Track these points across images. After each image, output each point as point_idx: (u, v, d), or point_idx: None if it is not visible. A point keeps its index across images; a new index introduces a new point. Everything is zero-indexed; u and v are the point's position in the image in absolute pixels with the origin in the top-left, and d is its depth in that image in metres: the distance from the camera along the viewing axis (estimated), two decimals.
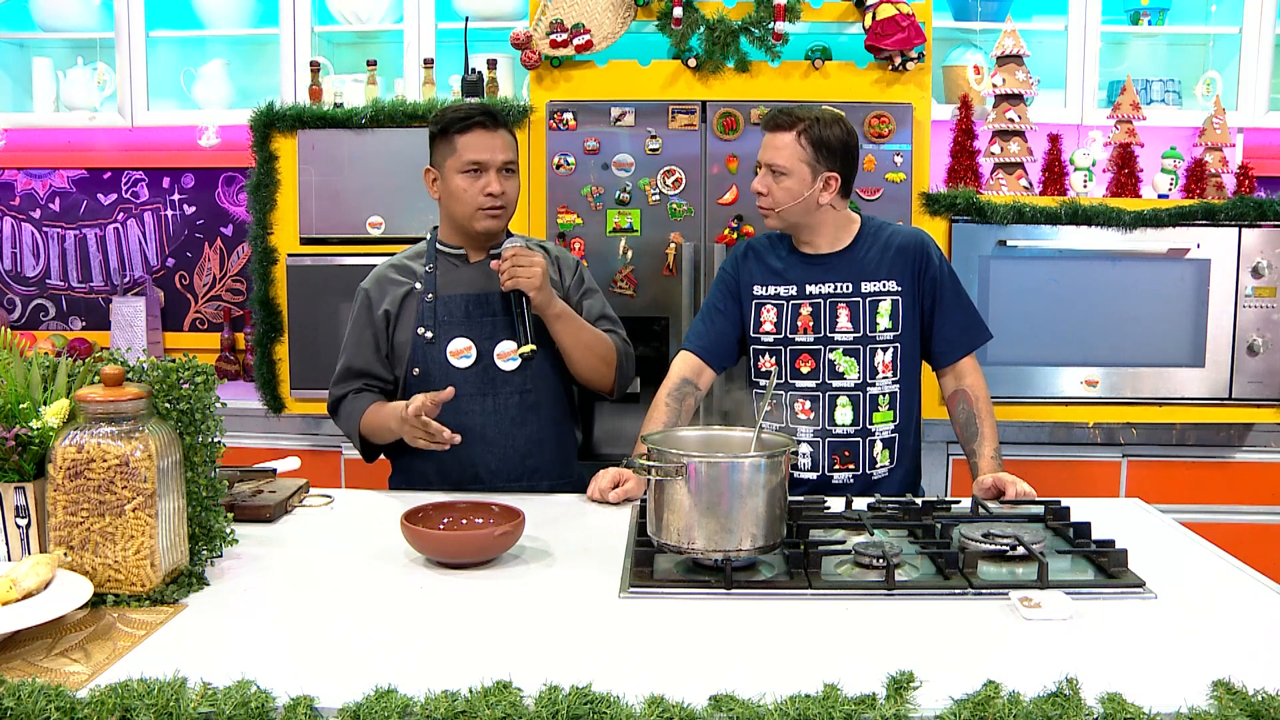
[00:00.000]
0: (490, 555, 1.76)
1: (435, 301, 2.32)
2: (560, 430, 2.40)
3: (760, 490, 1.65)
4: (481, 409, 2.30)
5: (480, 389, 2.30)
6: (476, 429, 2.29)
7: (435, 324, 2.31)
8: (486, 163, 2.26)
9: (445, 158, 2.29)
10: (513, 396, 2.32)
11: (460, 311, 2.32)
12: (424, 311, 2.32)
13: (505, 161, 2.29)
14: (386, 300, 2.34)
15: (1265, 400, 3.25)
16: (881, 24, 3.13)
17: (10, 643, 1.39)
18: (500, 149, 2.28)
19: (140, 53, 3.72)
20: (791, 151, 2.25)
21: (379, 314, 2.34)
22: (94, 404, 1.52)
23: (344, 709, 1.21)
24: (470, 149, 2.26)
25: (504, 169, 2.29)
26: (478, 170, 2.26)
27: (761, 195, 2.29)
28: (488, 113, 2.29)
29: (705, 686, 1.24)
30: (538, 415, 2.35)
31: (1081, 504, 2.05)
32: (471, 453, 2.30)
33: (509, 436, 2.32)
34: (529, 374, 2.33)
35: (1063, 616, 1.50)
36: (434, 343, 2.31)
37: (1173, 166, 3.39)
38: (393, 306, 2.34)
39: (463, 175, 2.27)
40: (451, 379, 2.26)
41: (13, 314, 4.20)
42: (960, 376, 2.35)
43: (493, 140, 2.28)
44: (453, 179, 2.28)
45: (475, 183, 2.27)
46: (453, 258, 2.38)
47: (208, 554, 1.71)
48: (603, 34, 3.22)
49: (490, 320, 2.32)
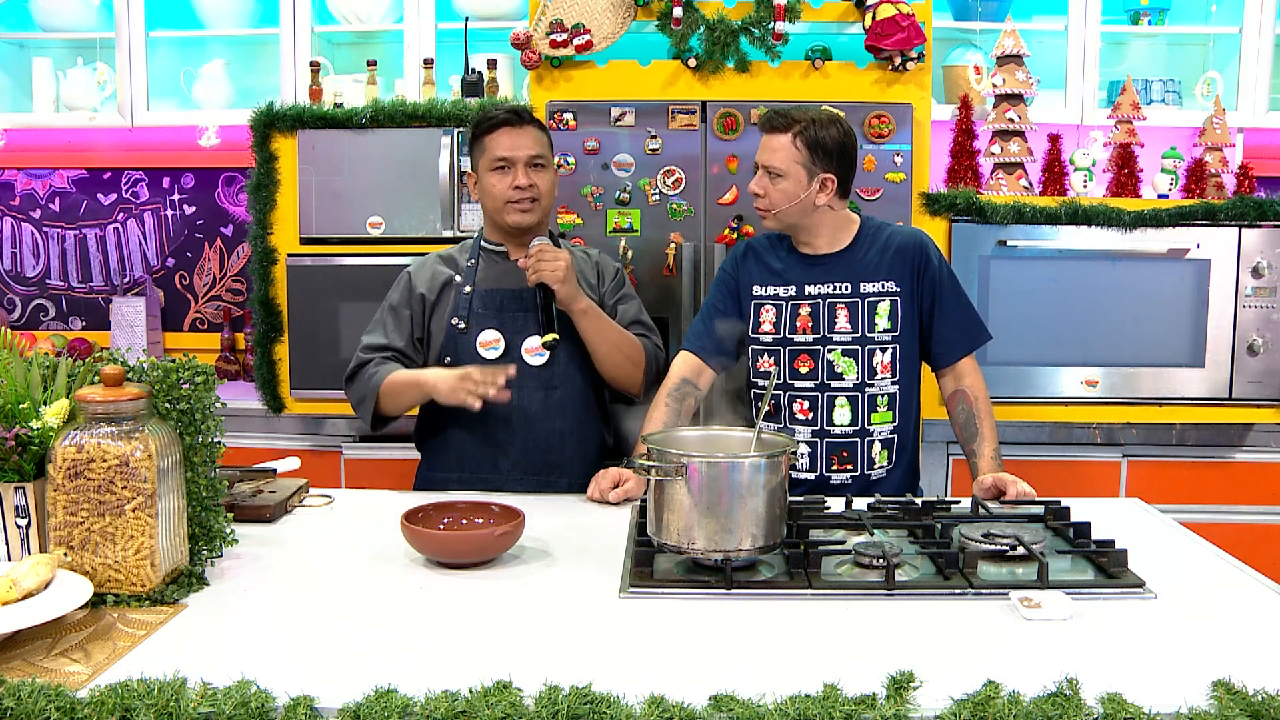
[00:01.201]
0: (490, 555, 1.76)
1: (473, 294, 2.39)
2: (584, 430, 2.42)
3: (760, 490, 1.65)
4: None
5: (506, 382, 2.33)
6: (500, 421, 2.34)
7: (469, 315, 2.38)
8: (512, 158, 2.33)
9: (478, 159, 2.39)
10: (537, 391, 2.36)
11: (494, 304, 2.39)
12: (460, 302, 2.39)
13: (532, 156, 2.35)
14: (425, 285, 2.42)
15: (1265, 400, 3.25)
16: (881, 24, 3.14)
17: (10, 643, 1.39)
18: (526, 145, 2.35)
19: (140, 53, 3.72)
20: (787, 153, 2.25)
21: (416, 295, 2.41)
22: (94, 404, 1.52)
23: (344, 709, 1.21)
24: (497, 146, 2.34)
25: (532, 163, 2.35)
26: (505, 166, 2.34)
27: (758, 197, 2.29)
28: (514, 111, 2.38)
29: (705, 686, 1.24)
30: (562, 412, 2.38)
31: (1081, 504, 2.05)
32: (494, 444, 2.35)
33: (531, 431, 2.36)
34: (555, 370, 2.36)
35: (1063, 616, 1.50)
36: (465, 333, 2.37)
37: (1173, 166, 3.39)
38: (430, 293, 2.41)
39: (493, 173, 2.35)
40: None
41: (13, 314, 4.20)
42: (960, 377, 2.35)
43: (518, 137, 2.35)
44: (485, 178, 2.38)
45: (504, 178, 2.34)
46: (495, 255, 2.45)
47: (208, 554, 1.71)
48: (603, 34, 3.22)
49: (522, 315, 2.38)
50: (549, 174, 2.39)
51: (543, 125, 2.42)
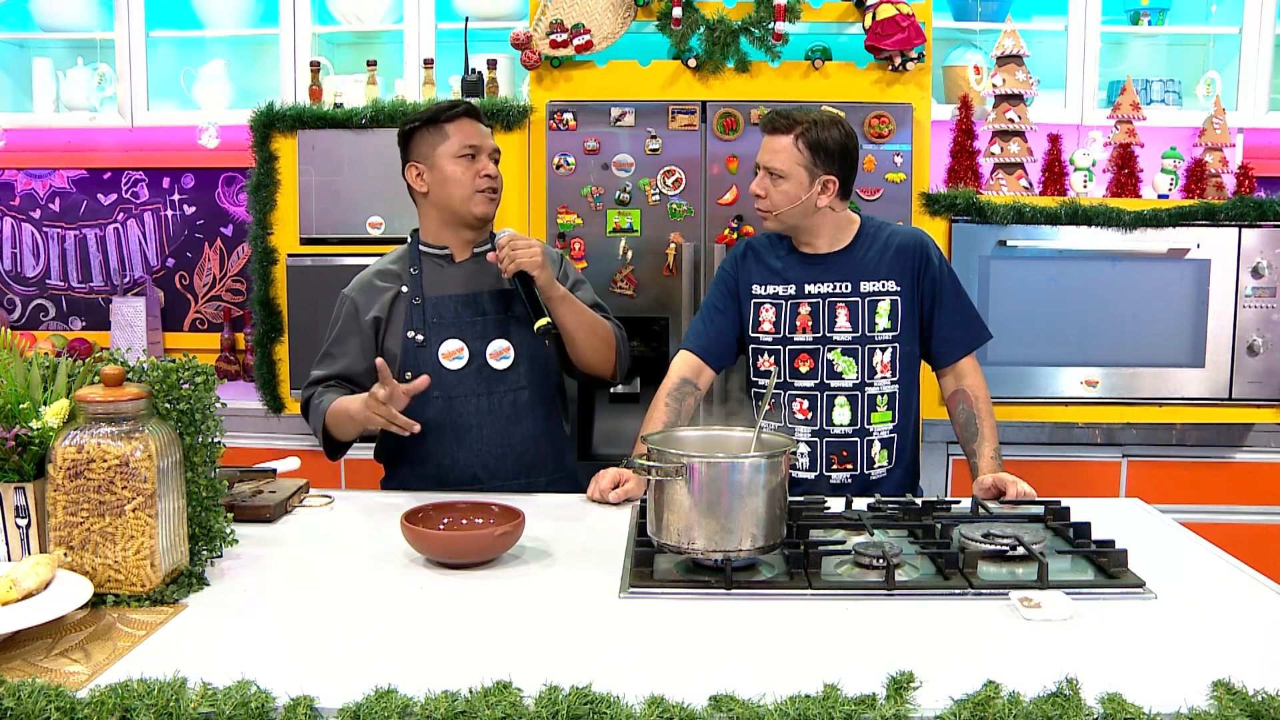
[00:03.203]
0: (490, 555, 1.76)
1: (424, 304, 2.31)
2: (552, 425, 2.41)
3: (760, 490, 1.65)
4: (477, 409, 2.30)
5: (475, 390, 2.31)
6: (474, 429, 2.30)
7: (425, 326, 2.30)
8: (480, 146, 2.32)
9: (435, 146, 2.31)
10: (507, 395, 2.32)
11: (450, 313, 2.32)
12: (413, 314, 2.31)
13: (494, 149, 2.35)
14: (375, 307, 2.32)
15: (1265, 400, 3.25)
16: (881, 24, 3.14)
17: (10, 643, 1.39)
18: (489, 136, 2.35)
19: (140, 53, 3.72)
20: (789, 155, 2.24)
21: (367, 319, 2.31)
22: (94, 404, 1.52)
23: (344, 709, 1.21)
24: (464, 134, 2.31)
25: (493, 156, 2.34)
26: (473, 154, 2.31)
27: (760, 198, 2.29)
28: (472, 105, 2.36)
29: (705, 686, 1.24)
30: (533, 412, 2.35)
31: (1081, 504, 2.05)
32: (470, 454, 2.31)
33: (506, 435, 2.33)
34: (522, 372, 2.34)
35: (1063, 616, 1.50)
36: (425, 345, 2.30)
37: (1173, 166, 3.39)
38: (382, 312, 2.31)
39: (458, 160, 2.30)
40: (444, 381, 2.27)
41: (13, 314, 4.20)
42: (960, 377, 2.35)
43: (481, 128, 2.35)
44: (447, 165, 2.30)
45: (472, 165, 2.31)
46: (438, 259, 2.37)
47: (208, 554, 1.71)
48: (603, 34, 3.22)
49: (481, 320, 2.32)
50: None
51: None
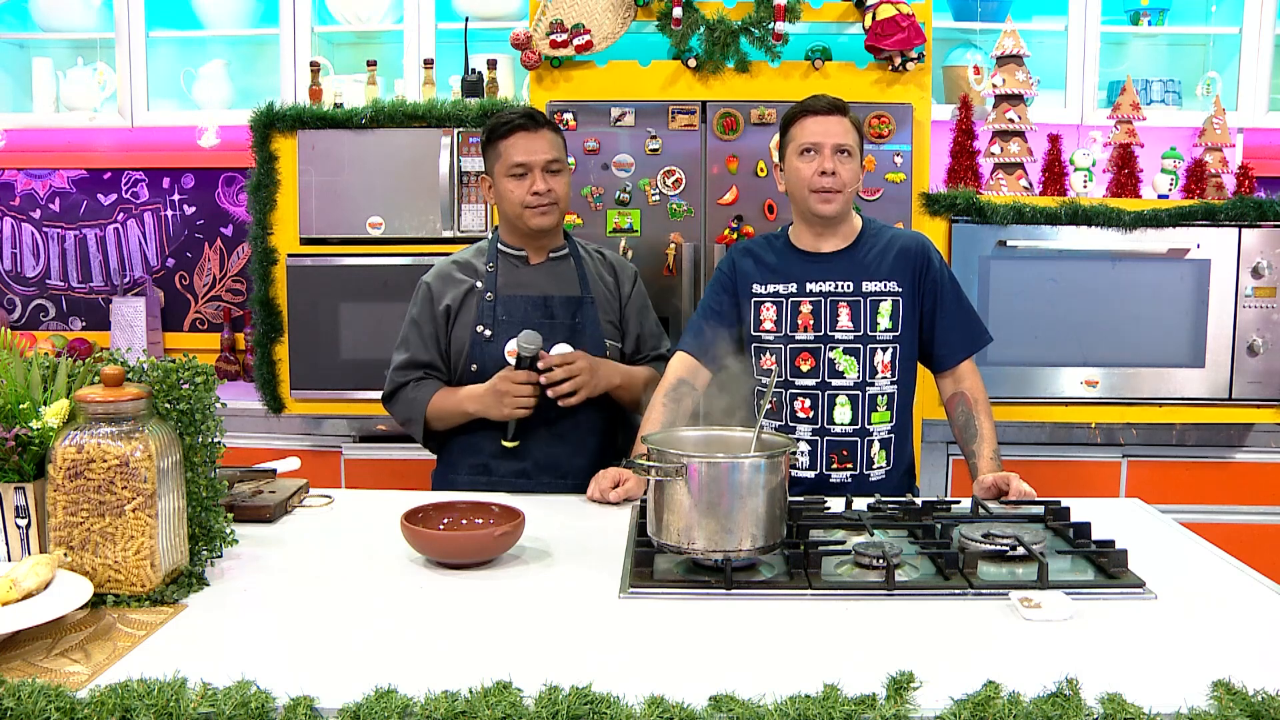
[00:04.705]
0: (490, 555, 1.76)
1: (495, 301, 2.38)
2: (606, 430, 2.44)
3: (760, 490, 1.65)
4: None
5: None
6: (528, 426, 2.34)
7: (494, 323, 2.38)
8: (530, 164, 2.33)
9: (493, 163, 2.39)
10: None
11: (520, 312, 2.38)
12: (484, 310, 2.39)
13: (548, 160, 2.35)
14: (449, 296, 2.41)
15: (1265, 400, 3.25)
16: (881, 24, 3.13)
17: (10, 643, 1.39)
18: (542, 149, 2.35)
19: (140, 53, 3.72)
20: (852, 134, 2.29)
21: (440, 309, 2.40)
22: (94, 404, 1.52)
23: (344, 709, 1.21)
24: (514, 152, 2.34)
25: (548, 168, 2.35)
26: (523, 172, 2.33)
27: (828, 176, 2.25)
28: (529, 115, 2.36)
29: (705, 686, 1.24)
30: (587, 416, 2.38)
31: (1081, 504, 2.05)
32: (521, 449, 2.35)
33: (558, 435, 2.37)
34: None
35: (1063, 617, 1.50)
36: (492, 341, 2.37)
37: (1173, 167, 3.39)
38: (454, 302, 2.40)
39: (509, 178, 2.35)
40: None
41: (13, 314, 4.20)
42: (959, 379, 2.36)
43: (534, 142, 2.34)
44: (501, 183, 2.37)
45: (521, 184, 2.34)
46: (514, 258, 2.45)
47: (208, 554, 1.71)
48: (603, 34, 3.22)
49: (549, 323, 2.38)
50: (565, 177, 2.40)
51: (556, 127, 2.42)
